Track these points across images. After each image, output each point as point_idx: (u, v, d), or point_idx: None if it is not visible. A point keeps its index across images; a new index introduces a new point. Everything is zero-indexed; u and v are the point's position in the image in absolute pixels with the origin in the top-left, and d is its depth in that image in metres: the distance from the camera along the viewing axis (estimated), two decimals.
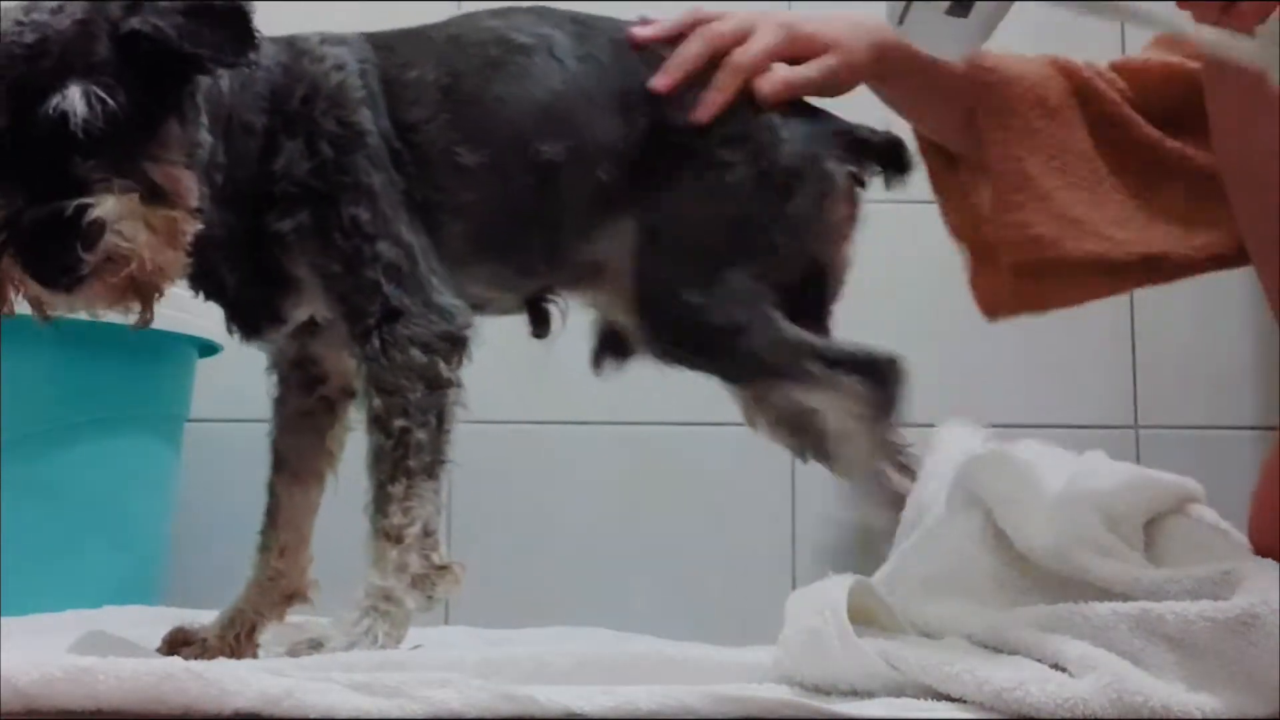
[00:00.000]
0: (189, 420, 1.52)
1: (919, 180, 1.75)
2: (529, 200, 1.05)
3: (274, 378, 1.09)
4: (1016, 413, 1.20)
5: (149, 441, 1.46)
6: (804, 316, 1.07)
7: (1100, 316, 1.60)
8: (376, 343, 0.97)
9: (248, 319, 1.03)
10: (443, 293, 1.00)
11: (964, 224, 1.16)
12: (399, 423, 0.96)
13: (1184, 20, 0.77)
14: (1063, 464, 0.90)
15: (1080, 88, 1.11)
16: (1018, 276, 1.10)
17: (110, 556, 1.38)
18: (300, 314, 1.03)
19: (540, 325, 1.12)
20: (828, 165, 1.08)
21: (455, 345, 0.99)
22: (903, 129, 1.15)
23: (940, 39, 0.88)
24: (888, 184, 1.13)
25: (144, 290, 0.88)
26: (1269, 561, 0.72)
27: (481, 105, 1.04)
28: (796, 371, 1.05)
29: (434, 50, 1.05)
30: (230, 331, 1.04)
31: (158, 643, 1.05)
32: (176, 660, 0.66)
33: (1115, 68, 1.13)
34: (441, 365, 0.98)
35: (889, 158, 1.12)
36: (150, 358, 1.43)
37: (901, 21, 0.86)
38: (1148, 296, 1.15)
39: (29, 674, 0.64)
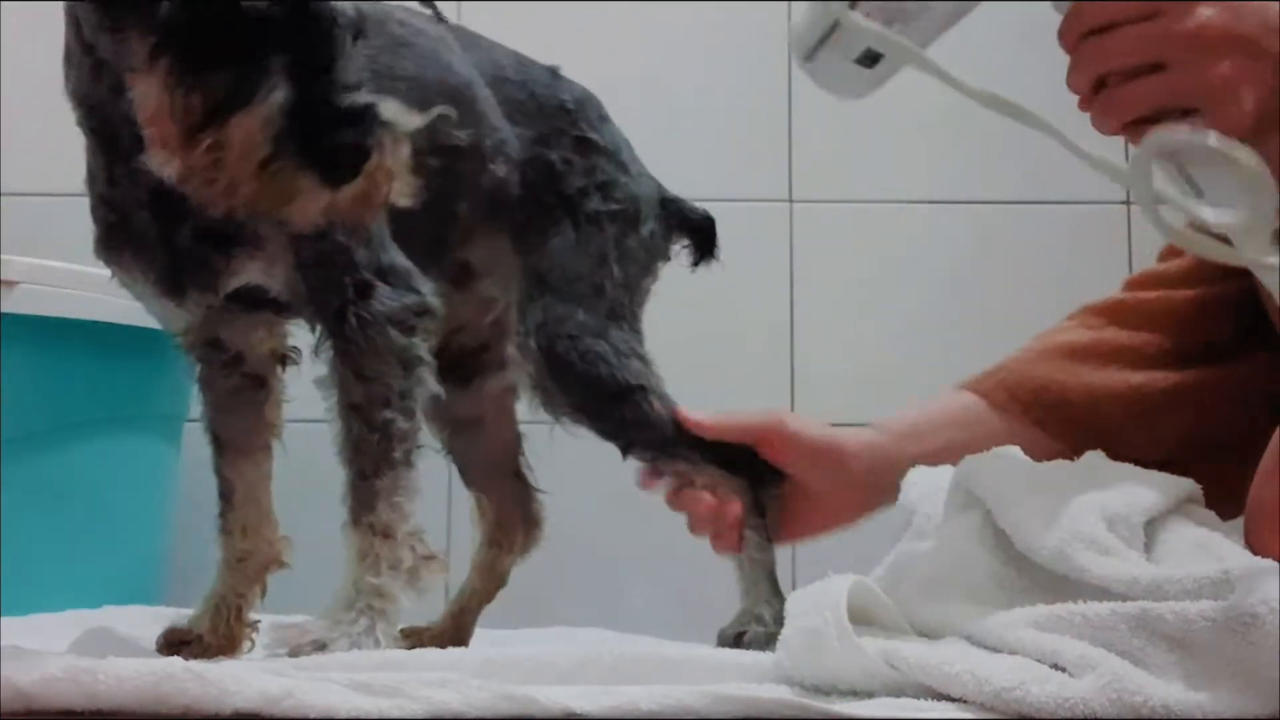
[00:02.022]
0: (189, 420, 1.52)
1: (925, 179, 1.75)
2: (433, 184, 1.02)
3: (191, 358, 1.03)
4: None
5: (149, 441, 1.46)
6: None
7: None
8: (354, 321, 0.94)
9: (176, 276, 0.94)
10: (401, 258, 0.97)
11: None
12: (383, 414, 0.94)
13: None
14: (1062, 464, 0.91)
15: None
16: None
17: (110, 556, 1.38)
18: (238, 280, 0.95)
19: None
20: (655, 222, 1.13)
21: (424, 317, 0.96)
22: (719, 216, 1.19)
23: (843, 82, 0.90)
24: (695, 261, 1.18)
25: (374, 206, 0.84)
26: (1269, 561, 0.72)
27: (399, 80, 1.01)
28: (680, 452, 1.08)
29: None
30: (154, 294, 0.96)
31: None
32: (176, 660, 0.66)
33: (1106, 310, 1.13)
34: (416, 344, 0.95)
35: (700, 235, 1.17)
36: (150, 358, 1.43)
37: (808, 59, 0.89)
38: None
39: (29, 674, 0.64)
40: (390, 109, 0.81)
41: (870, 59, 0.85)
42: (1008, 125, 0.89)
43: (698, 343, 1.19)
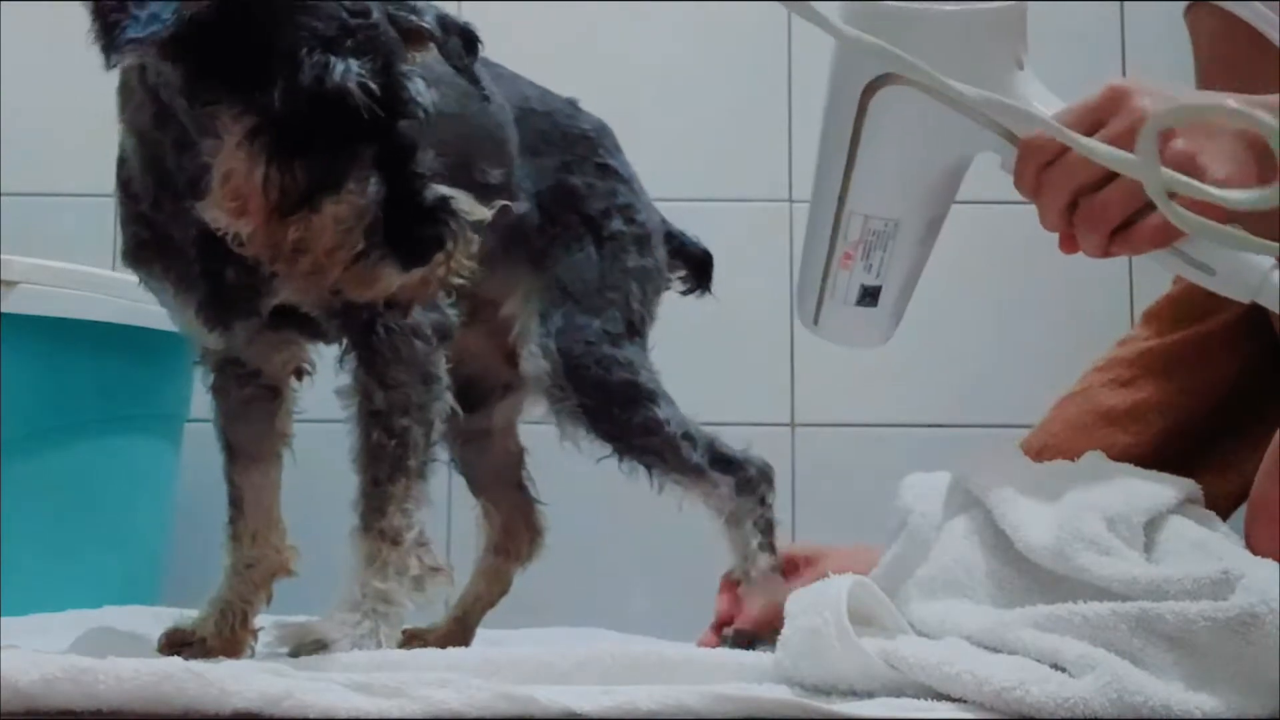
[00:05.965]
0: (189, 420, 1.52)
1: None
2: None
3: (206, 368, 1.04)
4: (1026, 413, 1.20)
5: (149, 441, 1.46)
6: None
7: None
8: (381, 332, 0.95)
9: (222, 309, 0.96)
10: None
11: None
12: (402, 421, 0.95)
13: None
14: (1062, 464, 0.91)
15: None
16: None
17: (110, 556, 1.38)
18: (276, 299, 0.96)
19: None
20: (663, 249, 1.18)
21: (445, 337, 0.98)
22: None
23: (855, 332, 0.89)
24: (688, 290, 1.22)
25: (431, 287, 0.86)
26: (1268, 561, 0.72)
27: (443, 117, 1.01)
28: (685, 457, 1.10)
29: None
30: (194, 322, 0.97)
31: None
32: (176, 660, 0.66)
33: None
34: (436, 359, 0.97)
35: (698, 268, 1.22)
36: (150, 358, 1.43)
37: (816, 322, 0.88)
38: (1150, 293, 1.16)
39: (29, 674, 0.64)
40: (463, 201, 0.85)
41: (870, 296, 0.86)
42: None
43: (698, 343, 1.20)
